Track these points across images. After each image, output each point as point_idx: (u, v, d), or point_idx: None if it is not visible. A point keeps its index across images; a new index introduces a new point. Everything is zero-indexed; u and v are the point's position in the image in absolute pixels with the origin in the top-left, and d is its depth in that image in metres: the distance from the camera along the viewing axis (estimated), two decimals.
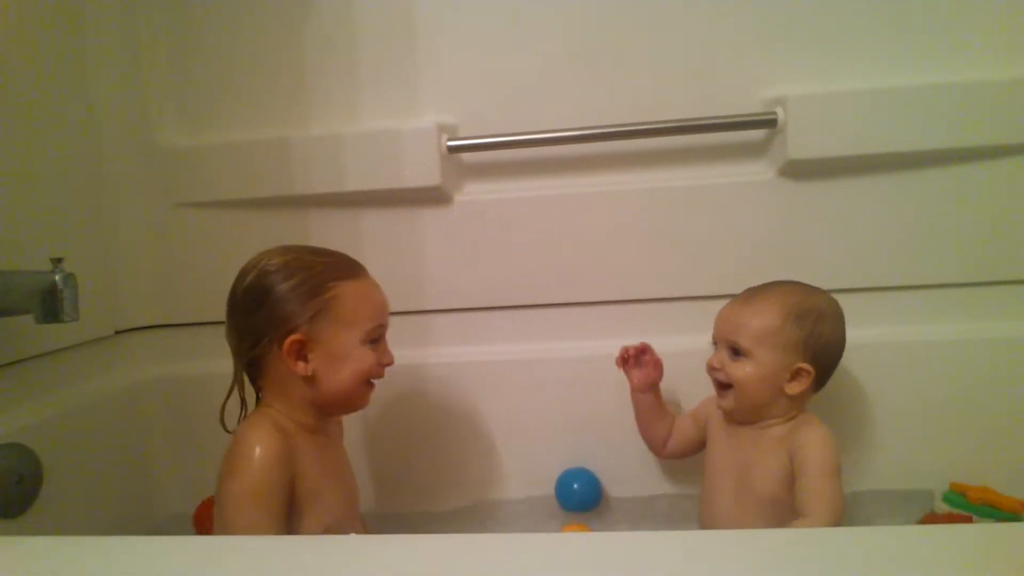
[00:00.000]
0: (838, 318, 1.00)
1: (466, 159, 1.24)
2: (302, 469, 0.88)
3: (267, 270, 0.91)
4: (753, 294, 1.01)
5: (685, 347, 1.11)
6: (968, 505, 1.05)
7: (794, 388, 0.97)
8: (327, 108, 1.24)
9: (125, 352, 1.25)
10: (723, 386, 1.01)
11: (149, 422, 1.24)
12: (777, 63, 1.17)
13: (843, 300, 1.16)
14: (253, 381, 0.95)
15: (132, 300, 1.26)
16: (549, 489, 1.21)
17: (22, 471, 0.95)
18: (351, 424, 1.21)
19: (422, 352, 1.25)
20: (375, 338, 0.93)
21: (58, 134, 1.12)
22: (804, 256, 1.18)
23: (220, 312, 1.28)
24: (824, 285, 1.17)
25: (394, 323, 1.22)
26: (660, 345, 1.19)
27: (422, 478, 1.24)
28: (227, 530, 0.83)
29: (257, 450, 0.84)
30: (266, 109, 1.25)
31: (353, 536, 0.74)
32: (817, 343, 0.98)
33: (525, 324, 1.25)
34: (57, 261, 0.91)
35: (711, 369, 1.02)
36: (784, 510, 0.95)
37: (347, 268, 0.94)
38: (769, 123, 1.14)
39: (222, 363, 1.27)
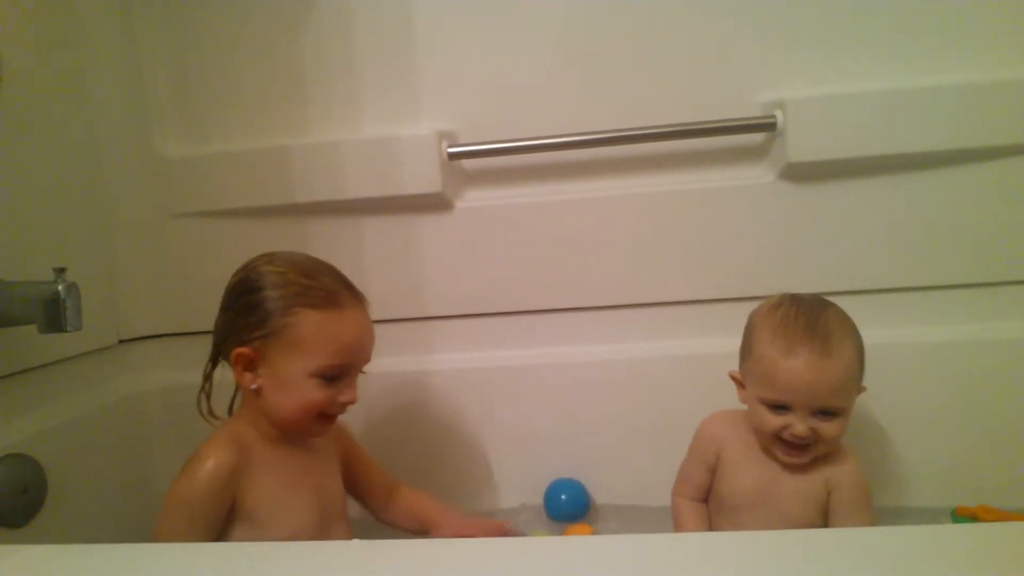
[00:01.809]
0: None
1: (466, 165, 1.25)
2: (255, 483, 0.88)
3: (250, 276, 0.91)
4: (824, 344, 0.87)
5: (686, 351, 1.12)
6: None
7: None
8: (327, 116, 1.25)
9: (128, 361, 1.25)
10: (802, 447, 0.90)
11: (152, 431, 1.24)
12: (776, 66, 1.17)
13: (844, 303, 1.16)
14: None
15: (135, 309, 1.27)
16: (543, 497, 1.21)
17: (27, 481, 0.95)
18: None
19: (422, 358, 1.25)
20: (331, 375, 0.88)
21: (59, 145, 1.12)
22: (805, 259, 1.18)
23: None
24: (825, 288, 1.17)
25: (394, 330, 1.22)
26: (661, 349, 1.19)
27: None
28: (155, 529, 0.85)
29: (208, 463, 0.85)
30: (266, 118, 1.26)
31: (355, 541, 0.74)
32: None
33: (527, 330, 1.25)
34: (60, 271, 0.91)
35: (799, 438, 0.88)
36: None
37: (327, 297, 0.89)
38: (768, 126, 1.14)
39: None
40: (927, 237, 1.16)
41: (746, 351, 0.96)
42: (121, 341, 1.25)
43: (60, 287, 0.90)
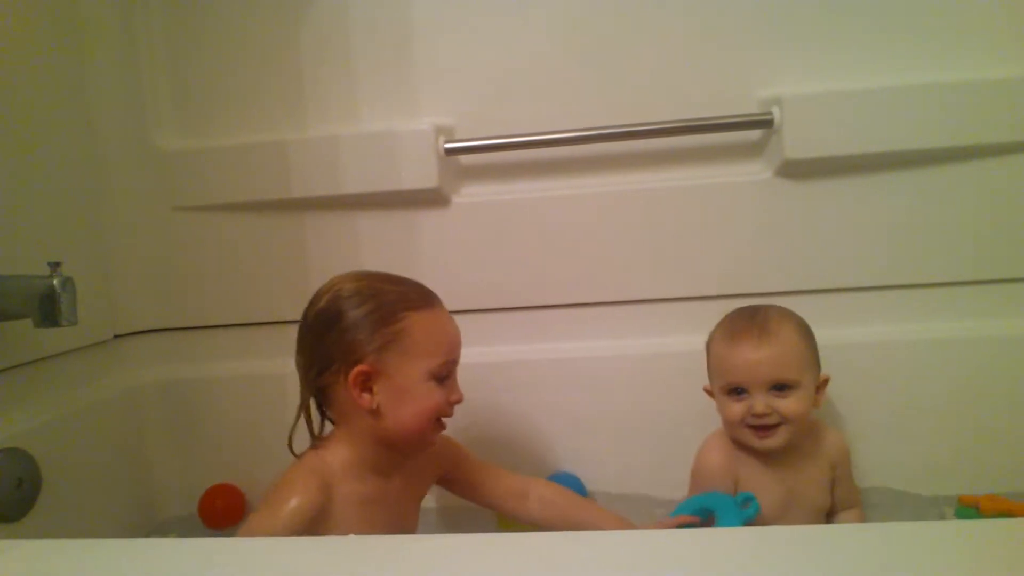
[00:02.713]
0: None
1: (463, 161, 1.24)
2: (334, 525, 0.84)
3: (340, 295, 0.87)
4: (762, 329, 0.96)
5: (682, 347, 1.11)
6: (981, 518, 1.04)
7: (819, 400, 0.98)
8: (324, 111, 1.25)
9: (123, 356, 1.25)
10: (768, 428, 0.96)
11: (147, 425, 1.24)
12: (773, 63, 1.17)
13: (841, 299, 1.18)
14: (321, 409, 0.92)
15: (130, 304, 1.26)
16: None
17: (21, 475, 0.95)
18: None
19: None
20: (443, 374, 0.88)
21: (56, 138, 1.12)
22: (801, 255, 1.19)
23: (219, 315, 1.30)
24: (822, 284, 1.18)
25: None
26: (657, 345, 1.20)
27: None
28: None
29: (292, 503, 0.81)
30: (264, 112, 1.26)
31: (352, 537, 0.74)
32: (815, 344, 0.99)
33: (525, 326, 1.25)
34: (55, 265, 0.91)
35: (758, 417, 0.94)
36: (827, 510, 1.03)
37: (420, 297, 0.89)
38: (765, 123, 1.14)
39: (220, 366, 1.29)
40: (925, 234, 1.16)
41: (708, 363, 1.03)
42: (116, 336, 1.25)
43: (55, 281, 0.90)
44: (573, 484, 1.18)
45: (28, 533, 0.95)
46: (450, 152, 1.20)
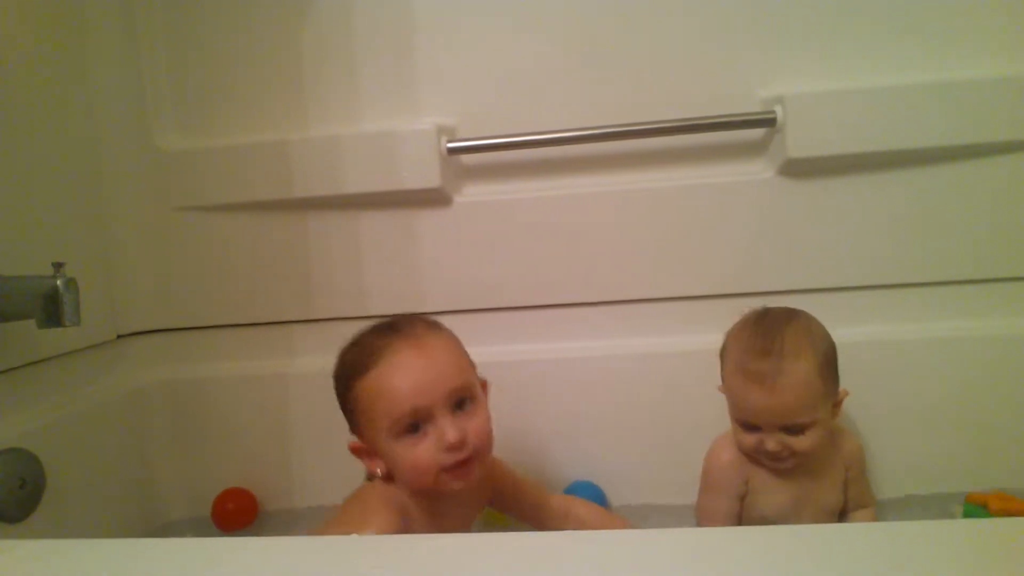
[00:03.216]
0: (820, 323, 0.99)
1: (465, 160, 1.24)
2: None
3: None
4: (777, 369, 0.91)
5: (686, 347, 1.11)
6: (989, 516, 1.03)
7: (837, 414, 0.97)
8: (326, 111, 1.24)
9: (126, 356, 1.25)
10: (780, 459, 0.95)
11: (151, 426, 1.24)
12: (775, 62, 1.16)
13: (844, 298, 1.17)
14: None
15: (133, 304, 1.27)
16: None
17: (25, 476, 0.95)
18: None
19: None
20: (410, 427, 0.82)
21: (58, 139, 1.12)
22: (804, 254, 1.18)
23: (221, 315, 1.30)
24: (824, 283, 1.18)
25: None
26: (661, 345, 1.19)
27: None
28: None
29: (371, 529, 0.80)
30: (265, 112, 1.26)
31: (354, 537, 0.74)
32: (837, 363, 0.96)
33: (526, 325, 1.25)
34: (58, 266, 0.91)
35: (773, 454, 0.94)
36: (839, 510, 1.02)
37: (367, 360, 0.84)
38: (768, 122, 1.14)
39: (223, 366, 1.29)
40: (928, 232, 1.16)
41: (721, 371, 1.00)
42: (119, 336, 1.25)
43: (59, 282, 0.90)
44: (594, 493, 1.16)
45: (31, 534, 0.95)
46: (452, 152, 1.20)
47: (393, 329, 0.87)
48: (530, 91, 1.21)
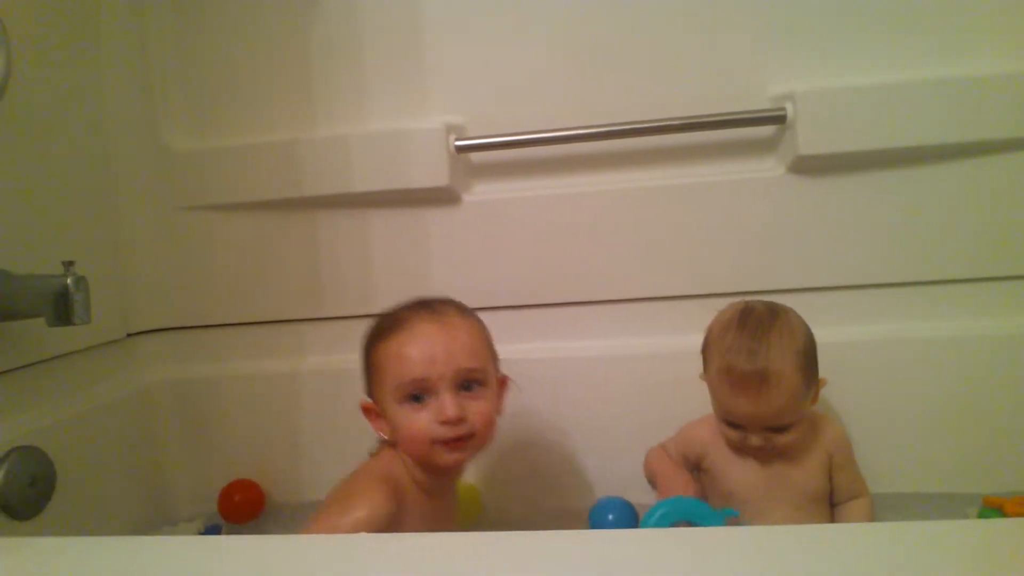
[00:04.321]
0: (800, 317, 0.99)
1: (474, 159, 1.24)
2: (402, 528, 0.84)
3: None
4: (762, 379, 0.91)
5: (696, 345, 1.10)
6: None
7: (815, 400, 0.98)
8: (334, 110, 1.25)
9: (136, 354, 1.26)
10: (765, 450, 0.98)
11: (160, 424, 1.25)
12: (786, 58, 1.16)
13: (854, 297, 1.16)
14: None
15: (143, 303, 1.27)
16: (556, 493, 1.21)
17: (35, 474, 0.95)
18: (358, 426, 1.21)
19: None
20: (413, 395, 0.85)
21: (68, 139, 1.13)
22: (814, 253, 1.17)
23: (231, 314, 1.30)
24: (834, 282, 1.17)
25: None
26: (671, 343, 1.19)
27: None
28: None
29: (362, 512, 0.80)
30: (274, 111, 1.26)
31: (361, 535, 0.74)
32: (816, 355, 0.97)
33: (536, 324, 1.25)
34: (68, 264, 0.92)
35: (757, 449, 0.96)
36: (826, 498, 1.02)
37: (390, 325, 0.90)
38: (778, 119, 1.13)
39: (232, 365, 1.29)
40: (941, 230, 1.15)
41: (704, 366, 1.02)
42: (129, 334, 1.25)
43: (69, 280, 0.90)
44: (623, 509, 1.11)
45: (42, 531, 0.95)
46: (461, 150, 1.20)
47: (425, 305, 0.92)
48: (538, 89, 1.21)
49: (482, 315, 1.24)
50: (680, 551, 0.51)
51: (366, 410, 0.92)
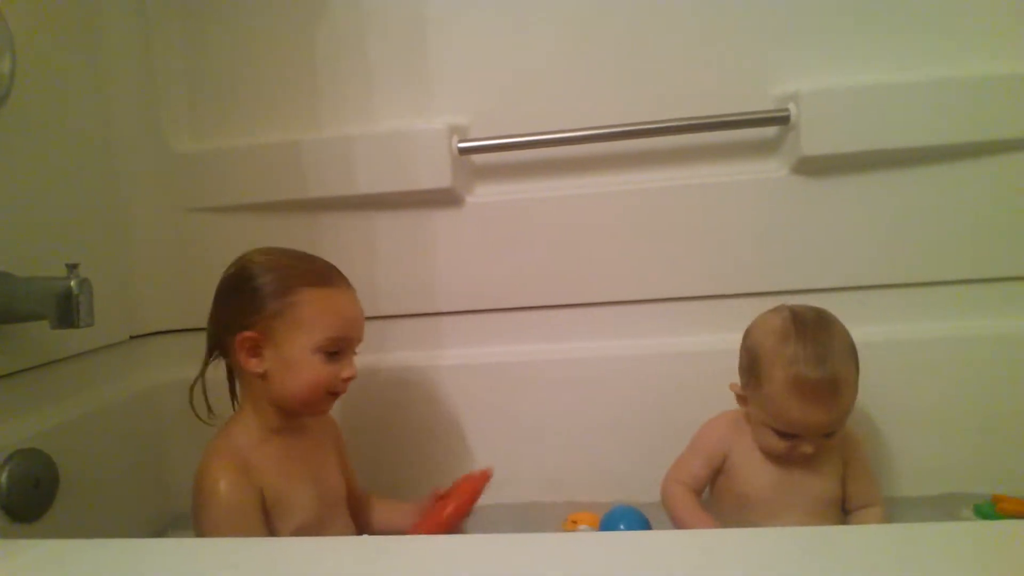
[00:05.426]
0: None
1: (477, 160, 1.24)
2: (264, 479, 0.89)
3: (245, 265, 0.94)
4: (834, 389, 0.90)
5: (700, 347, 1.11)
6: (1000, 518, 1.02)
7: None
8: (338, 111, 1.25)
9: (140, 357, 1.26)
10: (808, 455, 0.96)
11: (164, 426, 1.25)
12: (789, 59, 1.16)
13: (860, 298, 1.16)
14: (231, 381, 0.99)
15: (147, 305, 1.27)
16: (560, 492, 1.20)
17: (38, 476, 0.95)
18: (362, 426, 1.21)
19: (432, 354, 1.25)
20: (333, 350, 0.91)
21: (72, 141, 1.13)
22: (818, 254, 1.17)
23: None
24: (839, 283, 1.17)
25: (404, 325, 1.22)
26: (675, 345, 1.19)
27: (432, 480, 1.23)
28: None
29: (220, 485, 0.86)
30: (278, 113, 1.26)
31: (365, 537, 0.74)
32: None
33: (539, 326, 1.25)
34: (72, 267, 0.92)
35: (805, 456, 0.95)
36: (838, 505, 1.00)
37: (321, 276, 0.94)
38: (782, 120, 1.13)
39: (219, 371, 1.29)
40: (946, 231, 1.15)
41: (753, 379, 0.97)
42: (133, 337, 1.25)
43: (72, 283, 0.90)
44: (636, 518, 1.08)
45: (46, 533, 0.95)
46: (464, 151, 1.19)
47: (331, 266, 0.96)
48: (542, 90, 1.21)
49: (485, 316, 1.26)
50: (685, 552, 0.51)
51: (244, 341, 0.90)
